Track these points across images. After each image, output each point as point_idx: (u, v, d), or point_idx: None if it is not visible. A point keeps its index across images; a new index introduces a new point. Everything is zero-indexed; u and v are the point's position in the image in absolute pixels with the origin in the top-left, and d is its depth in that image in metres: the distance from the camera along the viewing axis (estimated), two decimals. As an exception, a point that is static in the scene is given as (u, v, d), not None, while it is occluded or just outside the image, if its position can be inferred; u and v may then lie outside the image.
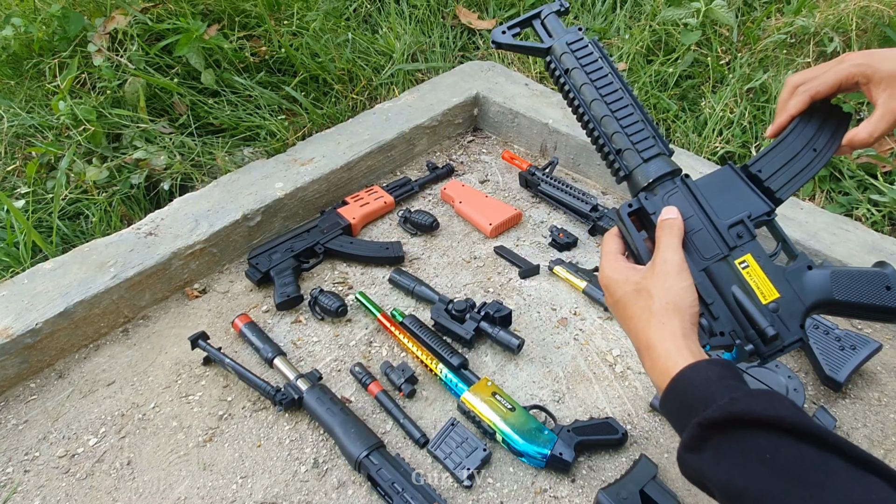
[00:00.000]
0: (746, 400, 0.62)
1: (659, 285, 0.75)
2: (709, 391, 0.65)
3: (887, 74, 0.78)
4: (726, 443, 0.61)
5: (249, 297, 1.48)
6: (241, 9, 2.09)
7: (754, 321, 0.74)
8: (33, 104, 1.86)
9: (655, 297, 0.75)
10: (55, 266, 1.37)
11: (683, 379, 0.68)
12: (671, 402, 0.69)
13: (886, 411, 1.27)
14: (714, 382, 0.66)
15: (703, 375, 0.67)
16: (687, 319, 0.74)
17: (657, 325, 0.73)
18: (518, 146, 1.97)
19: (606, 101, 0.88)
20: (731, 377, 0.67)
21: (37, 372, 1.31)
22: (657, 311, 0.74)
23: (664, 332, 0.72)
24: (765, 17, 2.14)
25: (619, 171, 0.88)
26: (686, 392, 0.67)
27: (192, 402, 1.26)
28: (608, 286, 0.81)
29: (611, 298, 0.81)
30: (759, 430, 0.59)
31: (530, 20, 0.98)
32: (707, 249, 0.79)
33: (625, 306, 0.78)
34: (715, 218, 0.81)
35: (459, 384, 1.23)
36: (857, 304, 0.77)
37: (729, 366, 0.69)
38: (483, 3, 2.49)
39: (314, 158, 1.69)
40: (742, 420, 0.60)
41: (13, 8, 2.04)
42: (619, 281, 0.79)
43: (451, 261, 1.58)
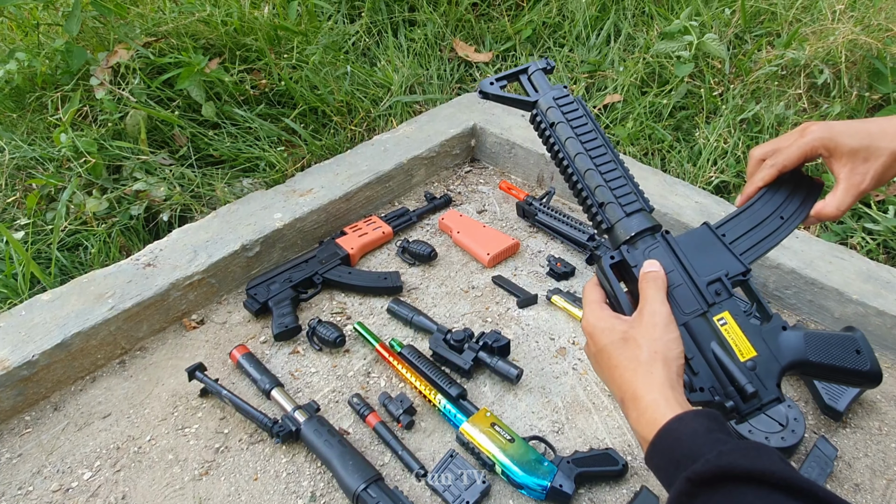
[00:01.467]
0: (735, 454, 0.60)
1: (647, 335, 0.75)
2: (696, 444, 0.64)
3: (847, 150, 0.79)
4: (715, 499, 0.60)
5: (247, 328, 1.47)
6: (242, 43, 2.13)
7: (734, 378, 0.75)
8: (35, 136, 1.88)
9: (644, 346, 0.74)
10: (53, 297, 1.37)
11: (671, 431, 0.67)
12: (658, 455, 0.68)
13: (888, 440, 1.26)
14: (702, 436, 0.64)
15: (691, 428, 0.66)
16: (674, 371, 0.73)
17: (645, 375, 0.72)
18: (515, 176, 1.99)
19: (591, 156, 0.90)
20: (719, 430, 0.66)
21: (32, 404, 1.30)
22: (645, 361, 0.73)
23: (652, 382, 0.71)
24: (756, 50, 2.19)
25: (602, 223, 0.89)
26: (673, 446, 0.66)
27: (189, 435, 1.24)
28: (593, 333, 0.80)
29: (594, 347, 0.80)
30: (749, 486, 0.58)
31: (517, 75, 1.01)
32: (687, 304, 0.80)
33: (609, 355, 0.77)
34: (694, 274, 0.82)
35: (458, 415, 1.23)
36: (829, 366, 0.78)
37: (716, 417, 0.68)
38: (479, 36, 2.54)
39: (313, 189, 1.70)
40: (731, 475, 0.59)
41: (17, 43, 2.07)
42: (605, 329, 0.78)
43: (450, 290, 1.58)
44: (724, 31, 2.29)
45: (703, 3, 2.40)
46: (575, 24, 2.45)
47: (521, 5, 2.58)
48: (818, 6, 2.25)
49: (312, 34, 2.30)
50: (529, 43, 2.48)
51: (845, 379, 0.79)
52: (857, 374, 0.77)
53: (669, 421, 0.67)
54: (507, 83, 1.00)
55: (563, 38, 2.47)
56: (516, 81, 1.01)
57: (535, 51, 2.47)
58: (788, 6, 2.31)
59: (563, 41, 2.46)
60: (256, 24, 2.16)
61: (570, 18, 2.48)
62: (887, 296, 1.43)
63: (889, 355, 1.44)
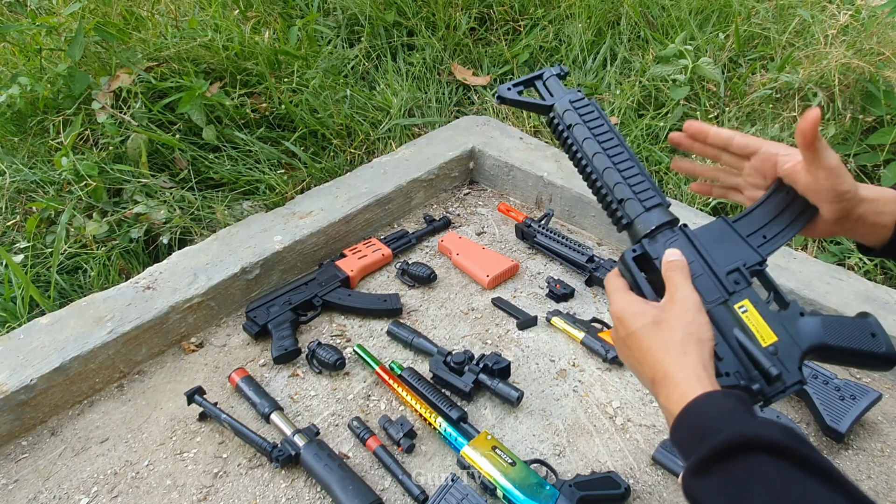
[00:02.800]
0: (759, 428, 0.62)
1: (681, 318, 0.75)
2: (723, 420, 0.65)
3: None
4: (733, 467, 0.61)
5: (247, 351, 1.47)
6: (243, 67, 2.15)
7: (758, 362, 0.76)
8: (36, 160, 1.89)
9: (678, 328, 0.74)
10: (52, 321, 1.37)
11: (699, 406, 0.67)
12: (682, 429, 0.68)
13: (890, 462, 1.26)
14: (728, 413, 0.65)
15: (719, 405, 0.67)
16: (707, 352, 0.74)
17: (679, 356, 0.73)
18: (514, 198, 2.00)
19: (608, 154, 0.92)
20: (745, 410, 0.66)
21: (29, 429, 1.28)
22: (679, 342, 0.73)
23: (686, 362, 0.72)
24: (750, 74, 2.22)
25: (622, 219, 0.90)
26: (699, 420, 0.67)
27: (187, 460, 1.23)
28: (623, 318, 0.80)
29: (624, 331, 0.79)
30: (769, 456, 0.59)
31: (533, 80, 1.03)
32: (708, 293, 0.82)
33: (641, 338, 0.77)
34: (713, 264, 0.84)
35: (459, 438, 1.22)
36: (847, 349, 0.79)
37: (744, 399, 0.68)
38: (477, 60, 2.57)
39: (313, 212, 1.71)
40: (753, 444, 0.60)
41: (20, 67, 2.09)
42: (637, 313, 0.78)
43: (449, 312, 1.58)
44: (718, 54, 2.32)
45: (697, 28, 2.43)
46: (571, 48, 2.48)
47: (518, 30, 2.61)
48: (810, 31, 2.29)
49: (312, 58, 2.32)
50: (527, 66, 2.51)
51: (862, 362, 0.81)
52: (873, 357, 0.80)
53: (698, 396, 0.68)
54: (523, 88, 1.03)
55: (560, 61, 2.50)
56: (532, 87, 1.04)
57: (533, 74, 2.49)
58: (781, 31, 2.35)
59: (568, 72, 2.49)
60: (257, 49, 2.18)
61: (567, 42, 2.51)
62: (886, 316, 1.43)
63: (890, 376, 1.44)
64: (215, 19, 2.28)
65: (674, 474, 1.21)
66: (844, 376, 1.42)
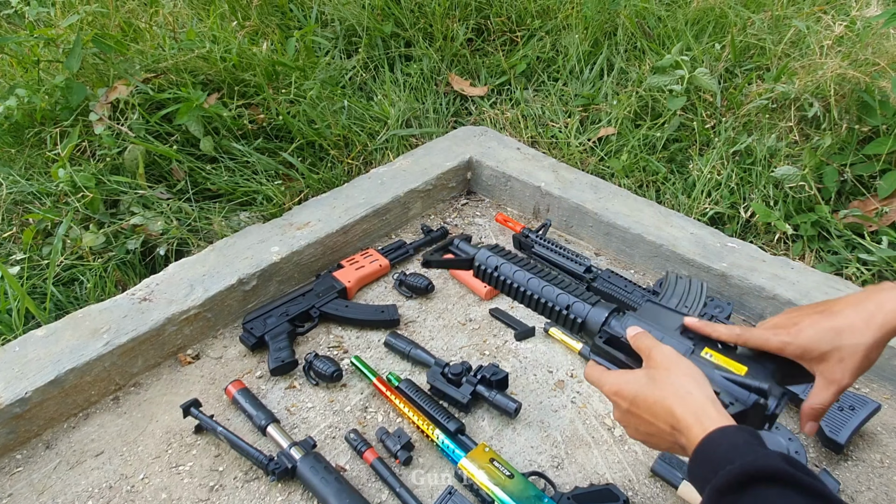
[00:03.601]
0: (766, 459, 0.64)
1: (669, 369, 0.79)
2: (736, 452, 0.66)
3: (818, 355, 0.82)
4: (742, 500, 0.62)
5: (243, 363, 1.46)
6: (241, 78, 2.15)
7: (748, 385, 0.81)
8: (33, 171, 1.89)
9: (672, 375, 0.78)
10: (47, 333, 1.36)
11: (712, 441, 0.69)
12: (699, 462, 0.70)
13: (890, 473, 1.25)
14: (741, 447, 0.67)
15: (731, 441, 0.68)
16: (707, 386, 0.77)
17: (684, 398, 0.75)
18: (511, 209, 2.00)
19: (539, 276, 1.06)
20: (758, 444, 0.68)
21: (24, 443, 1.28)
22: (680, 386, 0.76)
23: (692, 402, 0.74)
24: (746, 84, 2.22)
25: (576, 320, 1.00)
26: (714, 452, 0.68)
27: (183, 473, 1.22)
28: (620, 391, 0.82)
29: (625, 402, 0.81)
30: (774, 487, 0.62)
31: (447, 246, 1.21)
32: (678, 349, 0.88)
33: (644, 398, 0.79)
34: (665, 329, 0.92)
35: (456, 450, 1.21)
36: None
37: (755, 434, 0.70)
38: (475, 71, 2.58)
39: (310, 222, 1.71)
40: (759, 476, 0.62)
41: (17, 79, 2.09)
42: (629, 381, 0.82)
43: (447, 323, 1.58)
44: (714, 65, 2.33)
45: (693, 39, 2.45)
46: (568, 58, 2.49)
47: (516, 40, 2.62)
48: (806, 41, 2.30)
49: (310, 69, 2.33)
50: (524, 77, 2.52)
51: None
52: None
53: (712, 432, 0.70)
54: (443, 253, 1.20)
55: (557, 72, 2.51)
56: (449, 252, 1.21)
57: (530, 84, 2.50)
58: (777, 41, 2.36)
59: (557, 75, 2.50)
60: (255, 60, 2.19)
61: (564, 53, 2.52)
62: (884, 326, 1.42)
63: (888, 386, 1.44)
64: (213, 31, 2.29)
65: (673, 486, 1.20)
66: (843, 387, 1.42)
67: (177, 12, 2.49)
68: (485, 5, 2.64)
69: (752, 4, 2.66)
